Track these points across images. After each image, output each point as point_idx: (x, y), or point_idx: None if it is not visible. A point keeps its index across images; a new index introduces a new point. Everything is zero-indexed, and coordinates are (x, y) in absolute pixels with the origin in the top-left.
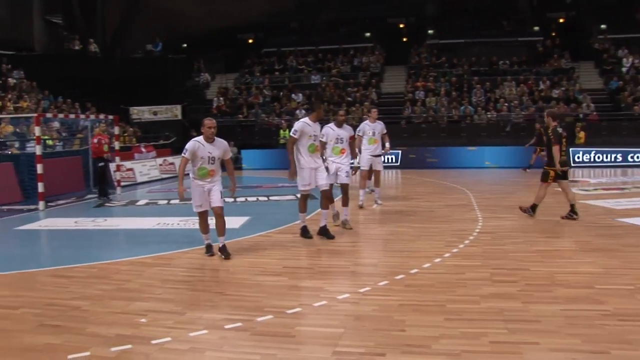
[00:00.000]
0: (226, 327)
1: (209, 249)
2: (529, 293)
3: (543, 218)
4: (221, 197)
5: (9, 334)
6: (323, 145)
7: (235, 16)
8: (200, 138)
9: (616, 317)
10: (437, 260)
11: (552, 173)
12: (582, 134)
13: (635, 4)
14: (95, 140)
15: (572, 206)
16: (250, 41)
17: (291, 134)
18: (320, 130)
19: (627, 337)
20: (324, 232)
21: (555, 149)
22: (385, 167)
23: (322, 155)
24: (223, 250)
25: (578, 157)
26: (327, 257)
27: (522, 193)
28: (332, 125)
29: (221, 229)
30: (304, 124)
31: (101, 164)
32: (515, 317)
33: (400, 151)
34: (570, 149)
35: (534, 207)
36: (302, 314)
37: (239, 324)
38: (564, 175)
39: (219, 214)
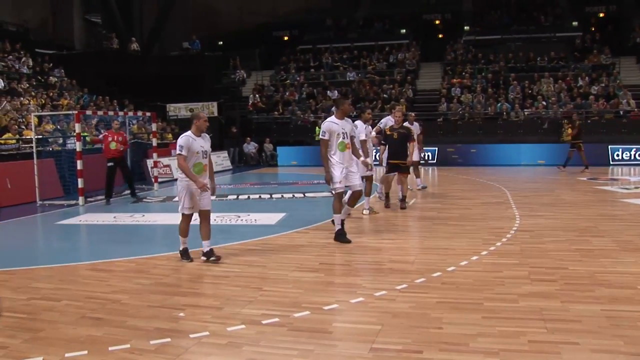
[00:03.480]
0: (263, 322)
1: (186, 254)
2: (568, 292)
3: (582, 216)
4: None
5: (54, 325)
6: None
7: (270, 13)
8: (190, 132)
9: None
10: (475, 258)
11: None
12: (569, 131)
13: None
14: (100, 137)
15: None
16: (286, 38)
17: (320, 136)
18: (350, 126)
19: None
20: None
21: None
22: (422, 164)
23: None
24: (210, 254)
25: (617, 155)
26: (363, 254)
27: (560, 190)
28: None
29: (208, 233)
30: (330, 123)
31: (110, 164)
32: (555, 317)
33: (436, 148)
34: (609, 147)
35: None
36: (338, 310)
37: (276, 319)
38: (397, 169)
39: (208, 217)
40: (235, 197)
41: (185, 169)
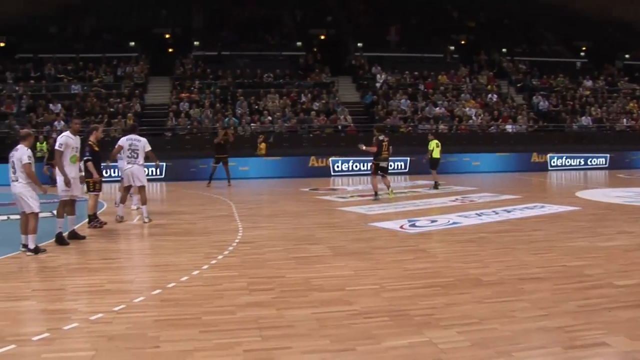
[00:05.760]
0: None
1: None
2: (284, 299)
3: (301, 225)
4: None
5: None
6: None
7: None
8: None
9: (362, 315)
10: (195, 272)
11: (373, 166)
12: (262, 145)
13: (386, 27)
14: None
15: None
16: (2, 45)
17: (57, 147)
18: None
19: (372, 333)
20: (75, 235)
21: (372, 149)
22: (149, 180)
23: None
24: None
25: (337, 167)
26: (82, 277)
27: (284, 202)
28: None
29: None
30: (67, 137)
31: None
32: (270, 324)
33: (164, 164)
34: (330, 159)
35: (375, 193)
36: (49, 340)
37: None
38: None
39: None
40: None
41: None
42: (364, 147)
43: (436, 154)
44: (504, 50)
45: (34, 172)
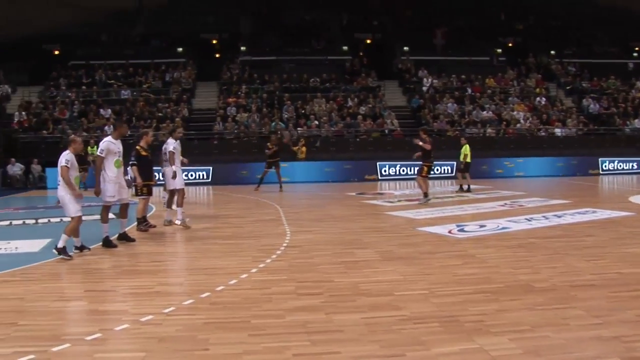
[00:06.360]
0: None
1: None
2: (332, 304)
3: (348, 230)
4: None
5: None
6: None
7: (40, 24)
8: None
9: (412, 320)
10: (244, 276)
11: (425, 168)
12: (303, 149)
13: (432, 30)
14: None
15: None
16: (57, 52)
17: (98, 152)
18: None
19: (421, 339)
20: (125, 237)
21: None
22: (196, 184)
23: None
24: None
25: (385, 171)
26: (132, 279)
27: (331, 206)
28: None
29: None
30: (108, 142)
31: None
32: (319, 329)
33: (211, 167)
34: (377, 163)
35: (425, 194)
36: (101, 340)
37: (32, 356)
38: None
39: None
40: None
41: None
42: (420, 142)
43: (469, 158)
44: (552, 52)
45: (69, 175)
